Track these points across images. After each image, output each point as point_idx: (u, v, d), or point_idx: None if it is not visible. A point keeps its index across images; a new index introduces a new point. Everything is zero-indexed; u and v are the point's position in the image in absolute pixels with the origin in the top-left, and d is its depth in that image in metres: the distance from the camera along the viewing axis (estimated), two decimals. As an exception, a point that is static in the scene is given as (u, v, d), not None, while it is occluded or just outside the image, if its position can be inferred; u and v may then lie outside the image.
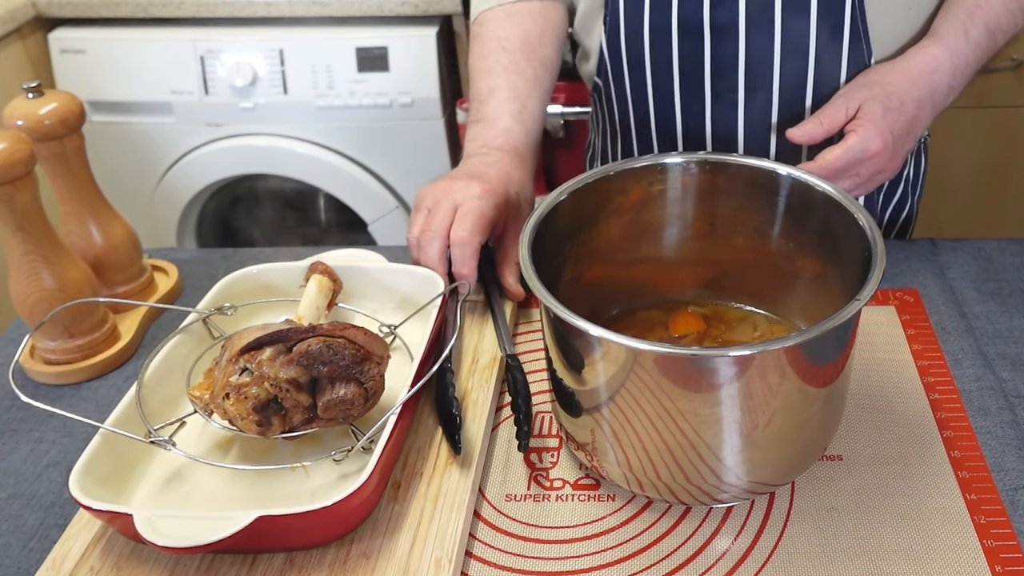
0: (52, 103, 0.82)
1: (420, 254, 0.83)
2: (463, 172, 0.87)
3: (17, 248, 0.80)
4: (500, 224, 0.85)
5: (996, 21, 0.88)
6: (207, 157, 1.89)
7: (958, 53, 0.87)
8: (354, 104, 1.80)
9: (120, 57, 1.83)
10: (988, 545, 0.63)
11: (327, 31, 1.78)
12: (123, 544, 0.65)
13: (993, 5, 0.88)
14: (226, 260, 1.00)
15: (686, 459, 0.62)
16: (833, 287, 0.70)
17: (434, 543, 0.63)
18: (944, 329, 0.84)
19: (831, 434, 0.68)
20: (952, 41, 0.87)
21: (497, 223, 0.84)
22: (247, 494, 0.67)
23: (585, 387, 0.64)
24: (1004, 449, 0.71)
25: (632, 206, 0.76)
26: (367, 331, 0.68)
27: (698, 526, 0.67)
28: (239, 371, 0.66)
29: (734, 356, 0.57)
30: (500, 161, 0.89)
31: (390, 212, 1.90)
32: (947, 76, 0.87)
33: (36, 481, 0.74)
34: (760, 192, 0.73)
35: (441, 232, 0.82)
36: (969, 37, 0.87)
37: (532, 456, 0.73)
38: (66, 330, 0.83)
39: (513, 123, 0.92)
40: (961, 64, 0.87)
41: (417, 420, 0.74)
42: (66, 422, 0.79)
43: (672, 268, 0.79)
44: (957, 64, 0.87)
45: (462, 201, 0.82)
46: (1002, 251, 0.94)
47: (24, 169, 0.76)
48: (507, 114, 0.93)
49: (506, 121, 0.92)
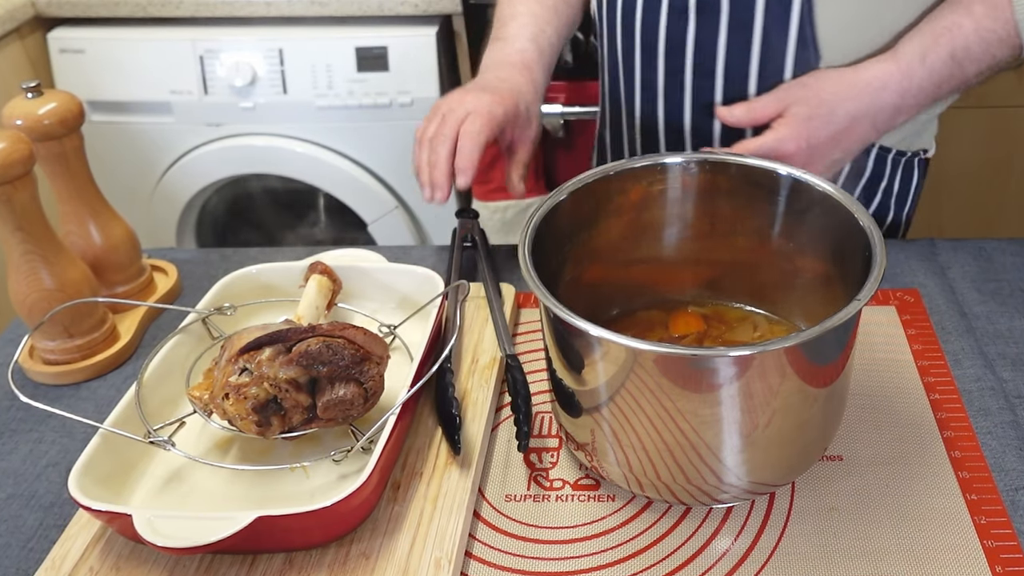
0: (51, 103, 0.82)
1: (430, 154, 0.87)
2: (476, 85, 0.93)
3: (16, 248, 0.79)
4: (508, 133, 0.91)
5: (965, 49, 0.84)
6: (206, 157, 1.89)
7: (911, 75, 0.85)
8: (354, 104, 1.80)
9: (119, 57, 1.83)
10: (988, 545, 0.63)
11: (327, 31, 1.78)
12: (122, 544, 0.65)
13: (965, 32, 0.84)
14: (225, 260, 1.00)
15: (686, 459, 0.62)
16: (833, 287, 0.70)
17: (434, 543, 0.63)
18: (944, 329, 0.84)
19: (831, 434, 0.68)
20: (907, 63, 0.85)
21: (506, 131, 0.90)
22: (246, 494, 0.67)
23: (585, 387, 0.64)
24: (1004, 449, 0.71)
25: (632, 206, 0.76)
26: (367, 331, 0.68)
27: (698, 526, 0.66)
28: (238, 371, 0.66)
29: (734, 356, 0.57)
30: (512, 77, 0.94)
31: (390, 212, 1.90)
32: (894, 96, 0.85)
33: (35, 481, 0.74)
34: (760, 192, 0.73)
35: (451, 135, 0.86)
36: (926, 62, 0.85)
37: (532, 456, 0.73)
38: (65, 330, 0.83)
39: (529, 44, 0.98)
40: (913, 87, 0.85)
41: (417, 420, 0.74)
42: (65, 422, 0.79)
43: (672, 268, 0.79)
44: (908, 87, 0.85)
45: (474, 108, 0.87)
46: (1003, 251, 0.94)
47: (23, 169, 0.76)
48: (524, 37, 0.98)
49: (522, 42, 0.98)
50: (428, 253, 1.00)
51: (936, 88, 0.86)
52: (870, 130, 0.87)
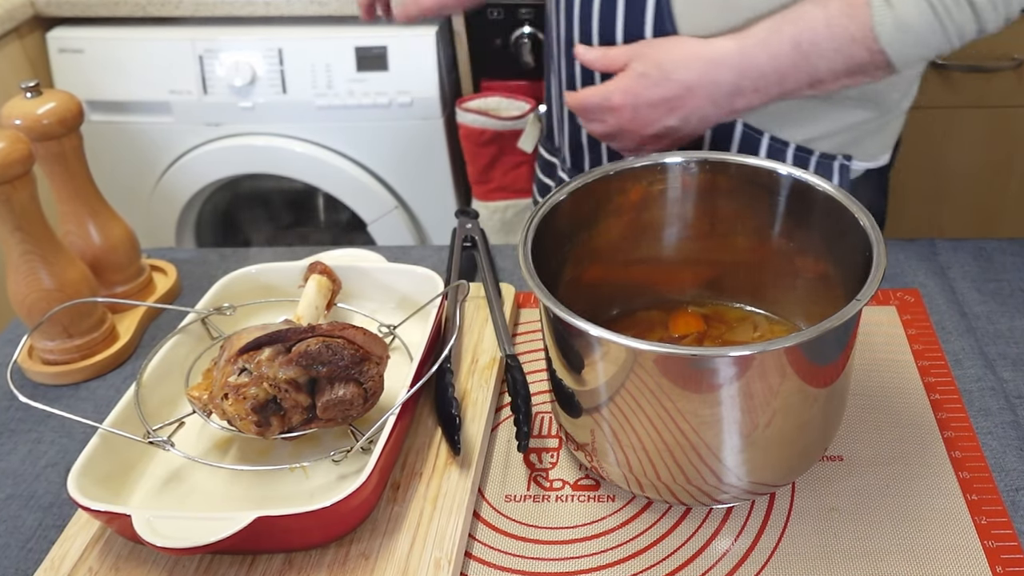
0: (50, 103, 0.82)
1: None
2: None
3: (15, 248, 0.79)
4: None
5: (813, 41, 0.82)
6: (206, 157, 1.89)
7: (750, 56, 0.84)
8: (353, 104, 1.80)
9: (119, 56, 1.83)
10: (989, 546, 0.63)
11: (326, 30, 1.78)
12: (121, 545, 0.65)
13: (814, 23, 0.82)
14: (225, 260, 1.00)
15: (686, 460, 0.62)
16: (834, 287, 0.70)
17: (433, 544, 0.63)
18: (945, 329, 0.84)
19: (832, 434, 0.68)
20: (749, 44, 0.85)
21: None
22: (246, 495, 0.67)
23: (585, 387, 0.64)
24: (1005, 450, 0.71)
25: (632, 206, 0.76)
26: (366, 331, 0.68)
27: (698, 527, 0.66)
28: (238, 371, 0.65)
29: (734, 356, 0.57)
30: None
31: (389, 212, 1.89)
32: (732, 74, 0.85)
33: (34, 482, 0.74)
34: (760, 192, 0.73)
35: None
36: (768, 46, 0.84)
37: (532, 457, 0.73)
38: (64, 330, 0.83)
39: None
40: (752, 70, 0.84)
41: (416, 420, 0.74)
42: (64, 422, 0.78)
43: (672, 268, 0.79)
44: (747, 68, 0.84)
45: None
46: (1003, 251, 0.93)
47: (22, 169, 0.75)
48: None
49: None
50: (428, 253, 1.00)
51: (779, 76, 0.84)
52: (709, 105, 0.86)
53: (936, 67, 1.71)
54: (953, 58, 1.71)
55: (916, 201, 1.85)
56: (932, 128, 1.78)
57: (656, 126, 0.87)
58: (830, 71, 0.83)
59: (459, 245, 0.94)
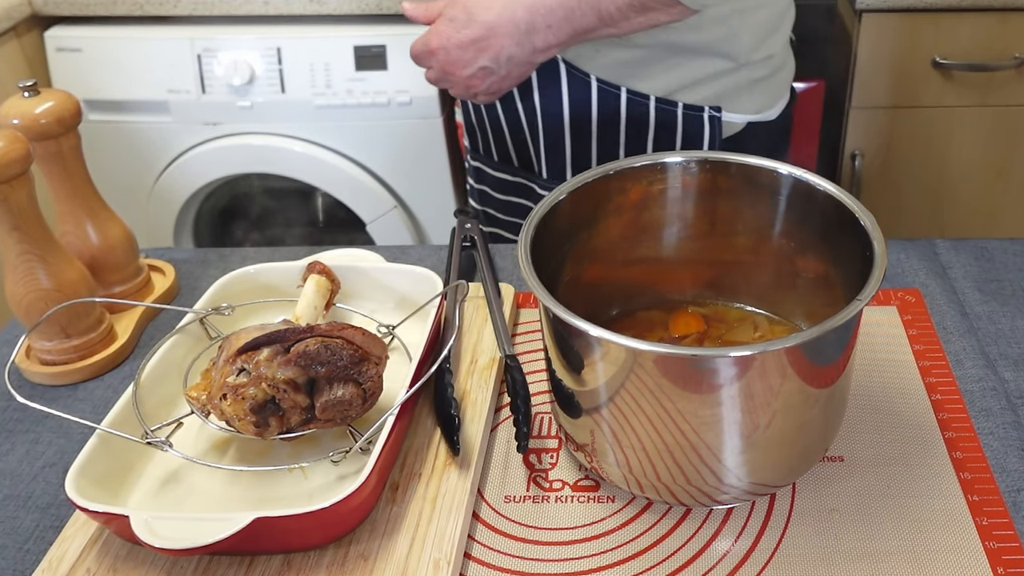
0: (48, 102, 0.81)
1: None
2: None
3: (13, 248, 0.79)
4: None
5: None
6: (204, 156, 1.89)
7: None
8: (352, 103, 1.79)
9: (117, 56, 1.82)
10: (990, 547, 0.63)
11: (325, 29, 1.78)
12: (120, 546, 0.64)
13: None
14: (223, 260, 1.00)
15: (686, 460, 0.62)
16: (834, 287, 0.70)
17: (433, 544, 0.63)
18: (946, 329, 0.83)
19: (832, 435, 0.68)
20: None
21: None
22: (244, 495, 0.67)
23: (585, 388, 0.63)
24: (1006, 450, 0.71)
25: (632, 205, 0.76)
26: (365, 331, 0.68)
27: (698, 528, 0.66)
28: (236, 372, 0.65)
29: (735, 357, 0.57)
30: None
31: (388, 212, 1.89)
32: (525, 12, 0.91)
33: (32, 482, 0.73)
34: (760, 191, 0.73)
35: None
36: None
37: (531, 457, 0.73)
38: (62, 330, 0.82)
39: None
40: (541, 5, 0.90)
41: (416, 421, 0.74)
42: (62, 423, 0.78)
43: (672, 268, 0.79)
44: (537, 4, 0.90)
45: None
46: (1004, 251, 0.93)
47: (20, 168, 0.75)
48: None
49: None
50: (427, 253, 1.00)
51: (567, 11, 0.90)
52: (512, 44, 0.93)
53: (937, 66, 1.71)
54: (954, 57, 1.71)
55: (917, 200, 1.85)
56: (933, 127, 1.78)
57: (471, 67, 0.95)
58: (615, 6, 0.89)
59: (458, 245, 0.94)
